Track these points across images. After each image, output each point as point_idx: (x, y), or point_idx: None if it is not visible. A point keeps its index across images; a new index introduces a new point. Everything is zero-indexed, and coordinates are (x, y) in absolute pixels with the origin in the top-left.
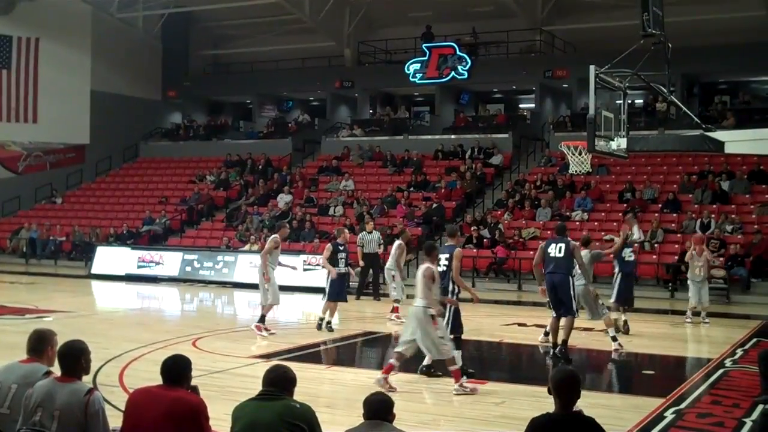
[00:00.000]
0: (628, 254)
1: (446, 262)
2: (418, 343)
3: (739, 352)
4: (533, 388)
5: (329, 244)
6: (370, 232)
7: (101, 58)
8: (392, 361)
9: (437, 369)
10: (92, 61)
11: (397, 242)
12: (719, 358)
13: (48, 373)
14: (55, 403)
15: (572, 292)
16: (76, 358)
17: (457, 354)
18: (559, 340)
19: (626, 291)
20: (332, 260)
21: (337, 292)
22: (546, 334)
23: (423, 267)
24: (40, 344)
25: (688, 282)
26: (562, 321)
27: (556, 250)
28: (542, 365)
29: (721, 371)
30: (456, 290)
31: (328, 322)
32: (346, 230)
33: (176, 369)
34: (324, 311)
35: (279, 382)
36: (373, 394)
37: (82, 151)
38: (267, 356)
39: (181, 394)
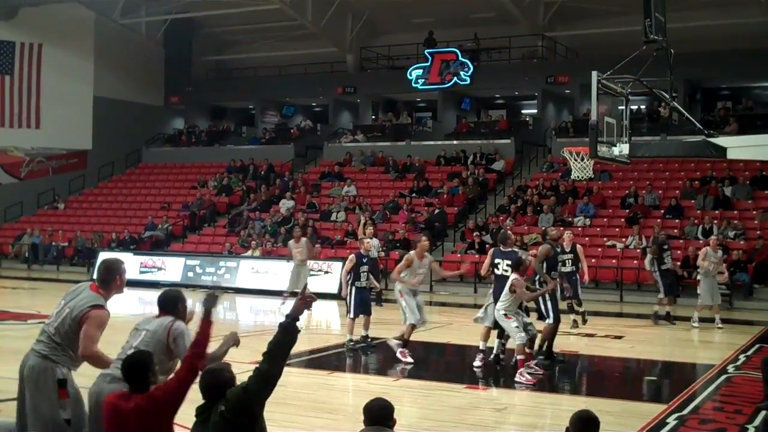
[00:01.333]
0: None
1: (507, 269)
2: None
3: (742, 358)
4: (535, 394)
5: (353, 255)
6: (371, 238)
7: (104, 63)
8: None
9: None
10: (95, 67)
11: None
12: (722, 364)
13: (94, 306)
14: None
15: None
16: (173, 304)
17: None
18: (536, 347)
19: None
20: (355, 273)
21: (358, 305)
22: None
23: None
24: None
25: (700, 278)
26: (540, 326)
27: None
28: (543, 371)
29: (723, 377)
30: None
31: (365, 336)
32: (367, 240)
33: (134, 369)
34: (350, 331)
35: (212, 390)
36: (373, 400)
37: (85, 156)
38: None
39: (141, 402)
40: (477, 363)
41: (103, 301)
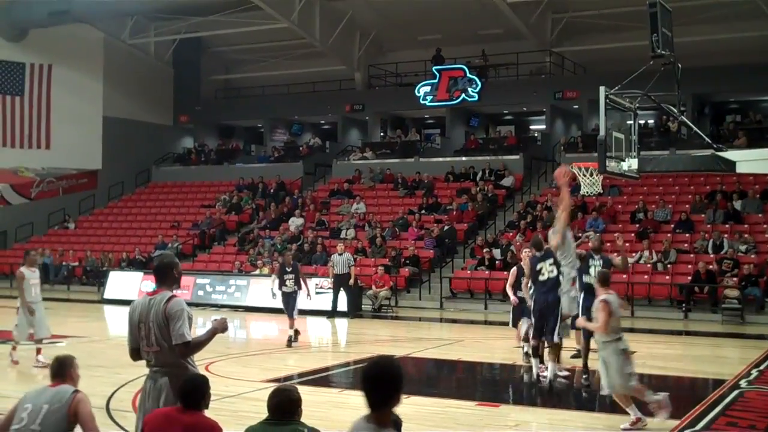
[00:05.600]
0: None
1: (551, 268)
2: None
3: (755, 372)
4: (547, 410)
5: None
6: (341, 254)
7: (113, 84)
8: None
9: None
10: (104, 87)
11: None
12: (734, 379)
13: (76, 392)
14: (149, 315)
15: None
16: (166, 270)
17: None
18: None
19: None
20: (280, 280)
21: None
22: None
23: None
24: (62, 369)
25: None
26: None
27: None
28: (556, 388)
29: (736, 392)
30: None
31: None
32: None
33: (193, 391)
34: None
35: (283, 406)
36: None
37: (95, 176)
38: (279, 381)
39: (197, 419)
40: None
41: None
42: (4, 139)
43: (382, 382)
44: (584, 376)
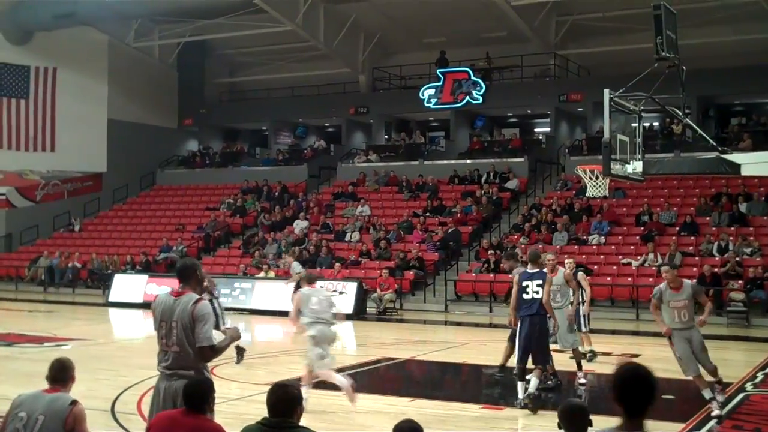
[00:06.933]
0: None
1: (537, 289)
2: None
3: (760, 375)
4: (551, 413)
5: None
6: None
7: (118, 86)
8: None
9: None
10: (109, 90)
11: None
12: (740, 382)
13: (74, 403)
14: (173, 314)
15: None
16: (190, 271)
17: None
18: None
19: None
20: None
21: None
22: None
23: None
24: (63, 373)
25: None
26: None
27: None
28: (561, 391)
29: (741, 395)
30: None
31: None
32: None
33: (198, 394)
34: None
35: (281, 404)
36: (404, 421)
37: (100, 179)
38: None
39: (201, 422)
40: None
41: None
42: (9, 142)
43: (643, 389)
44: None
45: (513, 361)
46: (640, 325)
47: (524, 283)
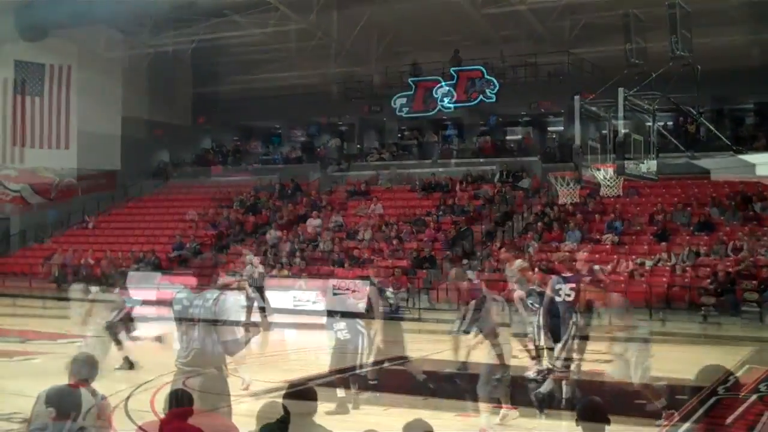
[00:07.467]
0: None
1: (570, 292)
2: None
3: None
4: (562, 413)
5: None
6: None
7: (132, 84)
8: None
9: None
10: (123, 88)
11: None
12: (753, 383)
13: (103, 398)
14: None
15: None
16: (211, 269)
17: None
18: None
19: None
20: None
21: None
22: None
23: None
24: (90, 370)
25: None
26: None
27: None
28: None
29: (754, 396)
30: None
31: None
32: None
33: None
34: None
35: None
36: (416, 420)
37: (114, 176)
38: (296, 383)
39: (214, 419)
40: None
41: None
42: (23, 139)
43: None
44: None
45: (512, 361)
46: (653, 326)
47: (557, 286)
